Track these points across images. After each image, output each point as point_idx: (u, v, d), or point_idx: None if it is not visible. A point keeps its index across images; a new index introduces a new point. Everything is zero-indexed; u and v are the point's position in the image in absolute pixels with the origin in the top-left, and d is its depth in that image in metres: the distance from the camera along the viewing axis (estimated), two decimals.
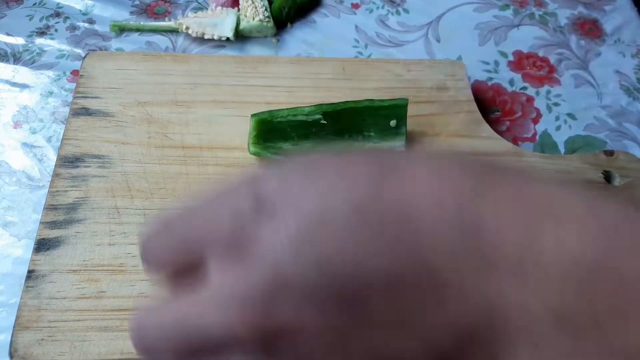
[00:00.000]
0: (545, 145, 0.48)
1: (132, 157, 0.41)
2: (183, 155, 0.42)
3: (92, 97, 0.44)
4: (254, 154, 0.41)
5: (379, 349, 0.17)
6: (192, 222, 0.19)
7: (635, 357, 0.15)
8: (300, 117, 0.41)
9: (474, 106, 0.46)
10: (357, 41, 0.55)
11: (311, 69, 0.47)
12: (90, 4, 0.56)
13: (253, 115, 0.41)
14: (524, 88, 0.52)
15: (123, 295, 0.35)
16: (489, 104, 0.51)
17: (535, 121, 0.50)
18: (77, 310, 0.34)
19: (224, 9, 0.54)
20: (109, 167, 0.40)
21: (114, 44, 0.53)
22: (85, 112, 0.43)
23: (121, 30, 0.54)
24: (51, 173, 0.40)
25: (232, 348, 0.17)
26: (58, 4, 0.56)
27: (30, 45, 0.52)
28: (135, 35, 0.54)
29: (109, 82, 0.45)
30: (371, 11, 0.58)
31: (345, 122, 0.42)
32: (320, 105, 0.42)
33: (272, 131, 0.41)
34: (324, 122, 0.41)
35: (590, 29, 0.58)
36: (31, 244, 0.37)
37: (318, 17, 0.57)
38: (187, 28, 0.52)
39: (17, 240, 0.40)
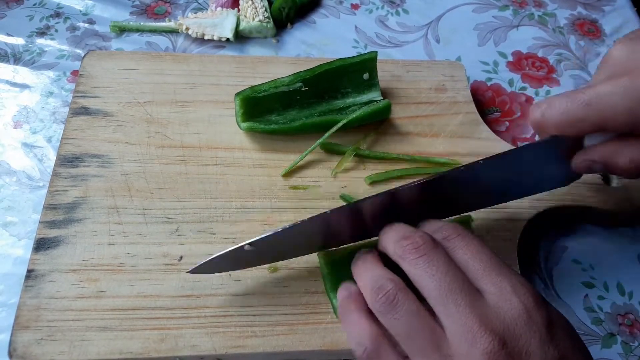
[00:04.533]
0: None
1: (131, 156, 0.41)
2: (182, 155, 0.42)
3: (92, 97, 0.44)
4: (247, 129, 0.42)
5: None
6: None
7: None
8: (281, 88, 0.43)
9: (472, 107, 0.47)
10: (357, 42, 0.55)
11: None
12: (91, 4, 0.56)
13: (237, 94, 0.42)
14: (523, 88, 0.52)
15: (122, 295, 0.35)
16: (488, 104, 0.51)
17: None
18: (77, 309, 0.34)
19: (224, 9, 0.54)
20: (109, 167, 0.40)
21: (114, 44, 0.53)
22: (85, 111, 0.43)
23: (121, 30, 0.54)
24: (51, 173, 0.40)
25: None
26: (58, 4, 0.56)
27: (30, 45, 0.52)
28: (136, 35, 0.54)
29: (108, 81, 0.45)
30: (371, 12, 0.58)
31: (323, 85, 0.44)
32: (298, 73, 0.43)
33: (257, 106, 0.43)
34: (305, 88, 0.43)
35: (589, 29, 0.58)
36: (31, 244, 0.37)
37: (318, 18, 0.57)
38: (187, 28, 0.52)
39: (17, 240, 0.40)
